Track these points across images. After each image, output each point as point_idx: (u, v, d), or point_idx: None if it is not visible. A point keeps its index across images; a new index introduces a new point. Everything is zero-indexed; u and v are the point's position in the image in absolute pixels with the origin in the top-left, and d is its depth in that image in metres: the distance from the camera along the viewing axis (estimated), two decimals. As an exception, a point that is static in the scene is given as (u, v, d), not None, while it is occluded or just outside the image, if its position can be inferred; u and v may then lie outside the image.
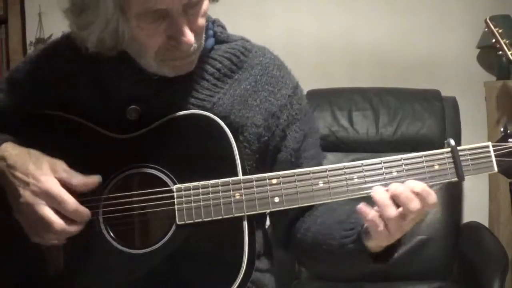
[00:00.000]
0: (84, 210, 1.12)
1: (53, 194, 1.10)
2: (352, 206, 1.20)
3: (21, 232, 1.15)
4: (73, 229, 1.12)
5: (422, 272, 2.59)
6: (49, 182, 1.11)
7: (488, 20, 2.54)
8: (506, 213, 2.84)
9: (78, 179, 1.14)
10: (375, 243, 1.12)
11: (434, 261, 2.60)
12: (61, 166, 1.14)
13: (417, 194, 1.06)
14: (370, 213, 1.07)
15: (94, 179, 1.15)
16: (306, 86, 2.90)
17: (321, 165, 1.24)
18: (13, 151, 1.16)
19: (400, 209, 1.06)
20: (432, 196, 1.07)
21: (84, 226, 1.14)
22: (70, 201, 1.11)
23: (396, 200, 1.06)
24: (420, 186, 1.07)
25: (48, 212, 1.10)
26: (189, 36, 1.11)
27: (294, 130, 1.27)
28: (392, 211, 1.06)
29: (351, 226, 1.16)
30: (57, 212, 1.11)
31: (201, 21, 1.14)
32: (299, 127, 1.28)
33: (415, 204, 1.06)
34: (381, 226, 1.07)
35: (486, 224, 2.85)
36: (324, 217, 1.24)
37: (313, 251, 1.24)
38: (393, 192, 1.07)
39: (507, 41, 2.47)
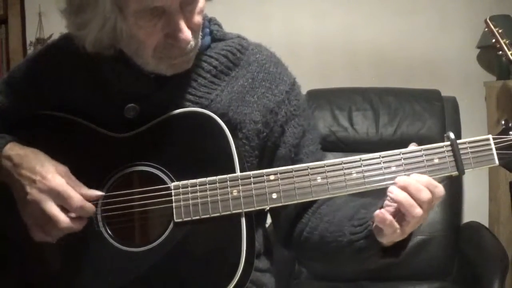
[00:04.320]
0: (90, 206, 1.14)
1: (59, 191, 1.12)
2: (358, 202, 1.21)
3: (22, 232, 1.15)
4: (78, 225, 1.14)
5: (422, 272, 2.58)
6: (56, 179, 1.12)
7: (488, 20, 2.54)
8: (506, 213, 2.84)
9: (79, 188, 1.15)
10: (388, 239, 1.11)
11: (434, 261, 2.59)
12: (65, 170, 1.15)
13: (425, 186, 1.06)
14: (388, 218, 1.06)
15: (95, 193, 1.15)
16: (306, 86, 2.90)
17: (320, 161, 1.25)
18: (18, 151, 1.17)
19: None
20: (439, 188, 1.07)
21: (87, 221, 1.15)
22: (76, 198, 1.12)
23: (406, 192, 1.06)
24: (425, 178, 1.07)
25: (54, 209, 1.11)
26: (187, 32, 1.11)
27: (293, 125, 1.27)
28: (418, 210, 1.05)
29: (360, 222, 1.16)
30: (63, 208, 1.12)
31: (198, 18, 1.14)
32: (297, 123, 1.28)
33: (425, 194, 1.05)
34: (398, 228, 1.06)
35: (486, 224, 2.85)
36: (331, 215, 1.23)
37: (320, 250, 1.23)
38: (401, 184, 1.06)
39: (507, 41, 2.47)
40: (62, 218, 1.12)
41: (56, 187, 1.12)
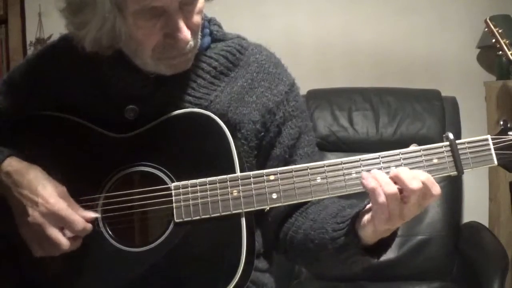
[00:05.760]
0: (90, 227, 1.14)
1: (62, 216, 1.12)
2: (345, 202, 1.20)
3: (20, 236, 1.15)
4: (78, 244, 1.15)
5: (422, 272, 2.59)
6: (59, 204, 1.13)
7: (488, 20, 2.55)
8: (506, 213, 2.84)
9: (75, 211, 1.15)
10: (371, 228, 1.09)
11: (434, 261, 2.60)
12: (64, 191, 1.15)
13: (422, 183, 1.05)
14: (372, 182, 1.05)
15: (90, 215, 1.15)
16: (306, 86, 2.90)
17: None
18: (17, 167, 1.17)
19: (398, 187, 1.05)
20: (437, 187, 1.06)
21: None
22: (79, 221, 1.13)
23: (396, 181, 1.05)
24: (425, 175, 1.06)
25: (56, 233, 1.12)
26: (186, 32, 1.11)
27: (289, 126, 1.27)
28: (392, 187, 1.04)
29: (343, 220, 1.15)
30: (62, 229, 1.13)
31: (197, 18, 1.15)
32: (295, 124, 1.28)
33: (416, 184, 1.04)
34: (382, 197, 1.04)
35: (486, 224, 2.85)
36: (316, 214, 1.23)
37: (304, 249, 1.22)
38: (394, 173, 1.06)
39: (507, 41, 2.47)
40: (64, 241, 1.12)
41: (59, 212, 1.12)
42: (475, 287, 2.33)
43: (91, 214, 1.15)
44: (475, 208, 2.96)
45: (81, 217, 1.14)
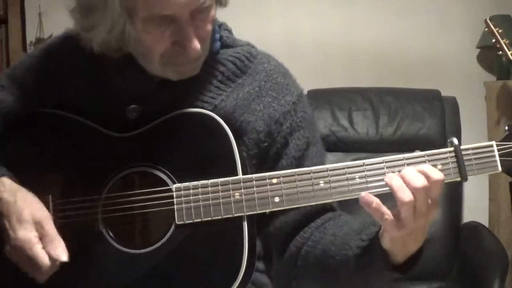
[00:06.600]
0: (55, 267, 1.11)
1: (26, 250, 1.10)
2: (368, 219, 1.16)
3: None
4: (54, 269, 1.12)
5: (422, 272, 2.54)
6: (26, 235, 1.10)
7: (488, 20, 2.55)
8: (506, 213, 2.85)
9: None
10: (389, 239, 1.07)
11: (434, 261, 2.59)
12: (43, 217, 1.12)
13: (420, 172, 1.04)
14: (374, 201, 1.04)
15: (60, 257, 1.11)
16: (306, 86, 2.87)
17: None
18: (2, 194, 1.15)
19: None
20: (436, 172, 1.04)
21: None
22: (42, 258, 1.10)
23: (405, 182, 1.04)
24: (425, 167, 1.04)
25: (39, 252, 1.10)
26: (196, 43, 1.11)
27: (297, 137, 1.25)
28: (408, 194, 1.02)
29: (368, 237, 1.13)
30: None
31: (208, 27, 1.14)
32: (302, 135, 1.26)
33: (420, 180, 1.02)
34: (387, 214, 1.03)
35: (486, 224, 2.85)
36: (336, 229, 1.20)
37: (322, 265, 1.19)
38: (401, 174, 1.04)
39: (507, 41, 2.48)
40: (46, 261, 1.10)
41: (24, 246, 1.09)
42: (475, 287, 2.33)
43: (60, 258, 1.10)
44: (475, 208, 2.96)
45: (50, 254, 1.10)
